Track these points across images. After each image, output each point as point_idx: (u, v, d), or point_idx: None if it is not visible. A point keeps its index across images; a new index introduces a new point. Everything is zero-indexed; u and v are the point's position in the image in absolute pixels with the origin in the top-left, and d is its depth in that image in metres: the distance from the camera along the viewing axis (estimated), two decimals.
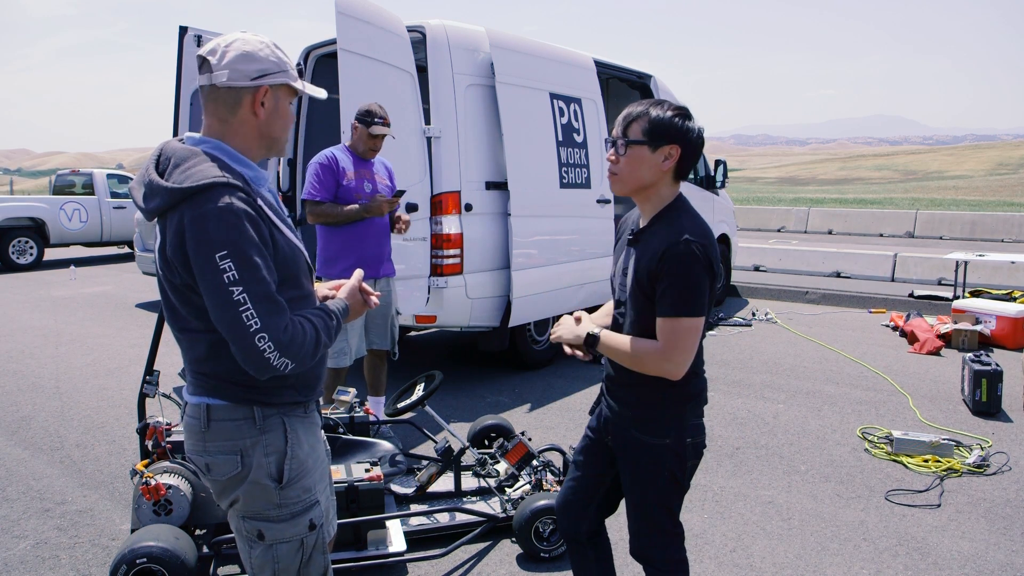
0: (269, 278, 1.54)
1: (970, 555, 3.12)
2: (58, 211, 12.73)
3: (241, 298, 1.49)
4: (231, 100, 1.63)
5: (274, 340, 1.51)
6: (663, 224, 1.91)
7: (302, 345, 1.56)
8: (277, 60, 1.66)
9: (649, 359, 1.87)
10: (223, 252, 1.49)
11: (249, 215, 1.54)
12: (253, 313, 1.49)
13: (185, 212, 1.51)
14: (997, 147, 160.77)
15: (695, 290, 1.82)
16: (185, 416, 1.71)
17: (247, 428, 1.65)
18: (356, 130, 4.07)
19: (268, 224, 1.60)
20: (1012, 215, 17.83)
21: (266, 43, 1.66)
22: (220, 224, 1.49)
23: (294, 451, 1.69)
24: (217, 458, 1.66)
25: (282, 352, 1.52)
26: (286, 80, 1.67)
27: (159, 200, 1.56)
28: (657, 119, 1.87)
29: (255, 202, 1.58)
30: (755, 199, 34.98)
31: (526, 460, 3.35)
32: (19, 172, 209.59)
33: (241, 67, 1.61)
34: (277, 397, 1.69)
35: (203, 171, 1.54)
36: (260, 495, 1.67)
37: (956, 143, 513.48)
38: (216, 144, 1.64)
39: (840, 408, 5.10)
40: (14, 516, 3.47)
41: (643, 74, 7.44)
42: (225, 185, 1.53)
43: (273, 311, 1.52)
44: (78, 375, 5.88)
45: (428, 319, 5.15)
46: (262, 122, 1.66)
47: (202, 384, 1.67)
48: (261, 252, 1.54)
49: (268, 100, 1.65)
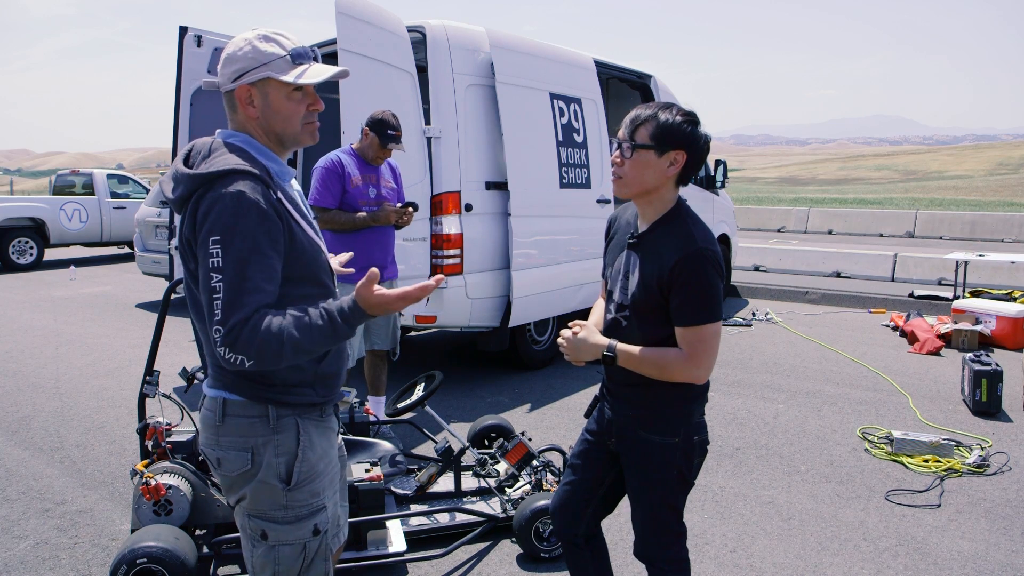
0: (253, 273, 1.51)
1: (970, 555, 3.12)
2: (58, 211, 12.73)
3: (216, 285, 1.50)
4: (228, 103, 1.67)
5: (224, 334, 1.48)
6: (668, 230, 1.90)
7: (263, 345, 1.49)
8: (256, 55, 1.60)
9: (677, 368, 1.87)
10: (216, 237, 1.50)
11: (260, 207, 1.53)
12: (220, 303, 1.49)
13: (202, 196, 1.54)
14: (997, 147, 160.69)
15: (713, 296, 1.84)
16: (202, 408, 1.72)
17: (260, 426, 1.65)
18: (367, 136, 4.02)
19: (286, 218, 1.60)
20: (1012, 215, 17.83)
21: (249, 39, 1.62)
22: (225, 209, 1.51)
23: (305, 454, 1.69)
24: (229, 453, 1.66)
25: (230, 347, 1.49)
26: (267, 74, 1.60)
27: (183, 187, 1.58)
28: (666, 124, 1.85)
29: (274, 195, 1.59)
30: (755, 199, 34.97)
31: (526, 460, 3.35)
32: (19, 172, 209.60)
33: (224, 70, 1.64)
34: (294, 397, 1.68)
35: (225, 160, 1.57)
36: (267, 495, 1.67)
37: (956, 143, 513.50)
38: (244, 138, 1.67)
39: (840, 408, 5.10)
40: (14, 516, 3.47)
41: (643, 74, 7.45)
42: (243, 173, 1.55)
43: (236, 306, 1.49)
44: (78, 375, 5.88)
45: (428, 319, 5.15)
46: (259, 119, 1.67)
47: (220, 377, 1.67)
48: (258, 245, 1.52)
49: (256, 97, 1.64)
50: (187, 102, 5.82)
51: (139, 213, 9.72)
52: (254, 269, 1.52)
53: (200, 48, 5.74)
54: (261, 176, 1.57)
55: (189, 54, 5.70)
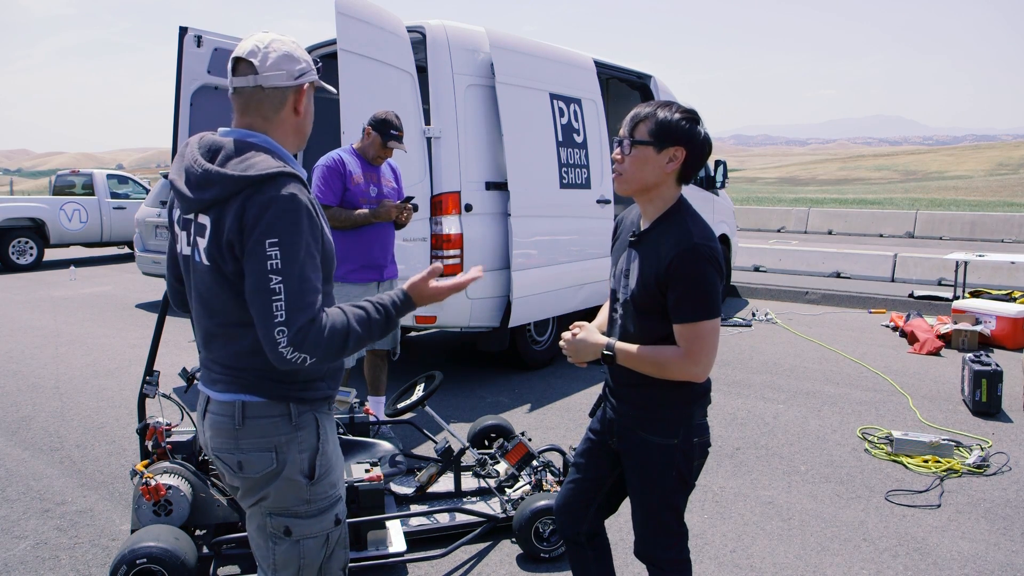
0: (311, 274, 1.56)
1: (970, 555, 3.12)
2: (58, 211, 12.73)
3: (277, 287, 1.51)
4: (277, 100, 1.66)
5: (292, 335, 1.51)
6: (667, 228, 1.91)
7: (329, 342, 1.55)
8: (308, 59, 1.70)
9: (675, 366, 1.87)
10: (274, 239, 1.52)
11: (308, 209, 1.57)
12: (282, 305, 1.51)
13: (250, 198, 1.54)
14: (997, 147, 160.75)
15: (710, 293, 1.83)
16: (211, 415, 1.69)
17: (283, 425, 1.67)
18: (369, 135, 4.03)
19: (320, 218, 1.64)
20: (1012, 215, 17.84)
21: (296, 43, 1.69)
22: (281, 212, 1.53)
23: (324, 447, 1.72)
24: (251, 455, 1.66)
25: (297, 347, 1.52)
26: (315, 78, 1.72)
27: (218, 189, 1.56)
28: (664, 120, 1.87)
29: (310, 196, 1.62)
30: (755, 199, 34.98)
31: (526, 460, 3.35)
32: (19, 172, 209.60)
33: (286, 67, 1.64)
34: (312, 392, 1.70)
35: (265, 161, 1.58)
36: (291, 491, 1.68)
37: (956, 143, 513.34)
38: (263, 138, 1.67)
39: (840, 408, 5.10)
40: (14, 516, 3.47)
41: (643, 74, 7.45)
42: (290, 175, 1.58)
43: (301, 307, 1.53)
44: (78, 375, 5.88)
45: (428, 319, 5.16)
46: (300, 120, 1.71)
47: (237, 380, 1.66)
48: (310, 248, 1.57)
49: (305, 98, 1.70)
50: (187, 102, 5.82)
51: (139, 213, 9.72)
52: (311, 270, 1.56)
53: (200, 48, 5.74)
54: (302, 178, 1.61)
55: (189, 54, 5.70)
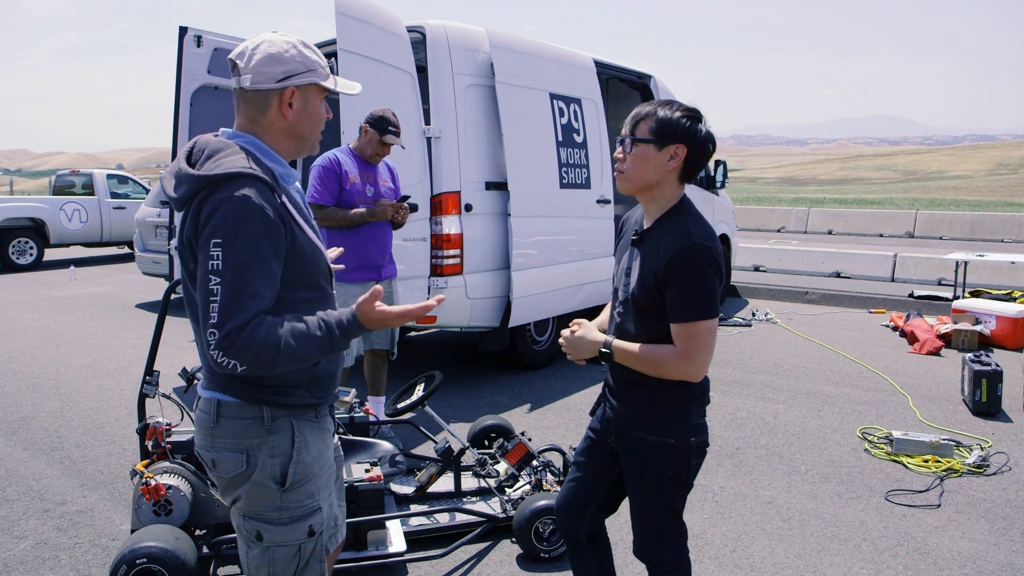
0: (253, 279, 1.51)
1: (970, 555, 3.12)
2: (58, 211, 12.73)
3: (215, 288, 1.50)
4: (259, 102, 1.65)
5: (220, 338, 1.48)
6: (668, 227, 1.91)
7: (259, 351, 1.50)
8: (303, 60, 1.65)
9: (670, 365, 1.87)
10: (218, 240, 1.50)
11: (264, 212, 1.53)
12: (216, 307, 1.49)
13: (206, 198, 1.53)
14: (997, 147, 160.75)
15: (707, 293, 1.83)
16: (197, 410, 1.72)
17: (255, 428, 1.65)
18: (366, 133, 4.03)
19: (289, 223, 1.60)
20: (1012, 215, 17.83)
21: (293, 43, 1.65)
22: (229, 213, 1.50)
23: (300, 455, 1.69)
24: (223, 455, 1.66)
25: (225, 352, 1.49)
26: (314, 80, 1.66)
27: (186, 187, 1.56)
28: (664, 118, 1.88)
29: (278, 199, 1.59)
30: (755, 199, 34.98)
31: (526, 460, 3.35)
32: (19, 172, 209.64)
33: (267, 69, 1.62)
34: (289, 398, 1.68)
35: (232, 161, 1.56)
36: (262, 496, 1.67)
37: (956, 143, 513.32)
38: (250, 139, 1.66)
39: (840, 408, 5.10)
40: (14, 516, 3.47)
41: (643, 74, 7.45)
42: (249, 176, 1.55)
43: (235, 311, 1.49)
44: (78, 375, 5.88)
45: (428, 319, 5.15)
46: (291, 123, 1.67)
47: (215, 379, 1.67)
48: (261, 252, 1.52)
49: (296, 100, 1.66)
50: (187, 102, 5.83)
51: (139, 213, 9.72)
52: (255, 275, 1.52)
53: (200, 48, 5.75)
54: (267, 180, 1.57)
55: (189, 54, 5.70)
